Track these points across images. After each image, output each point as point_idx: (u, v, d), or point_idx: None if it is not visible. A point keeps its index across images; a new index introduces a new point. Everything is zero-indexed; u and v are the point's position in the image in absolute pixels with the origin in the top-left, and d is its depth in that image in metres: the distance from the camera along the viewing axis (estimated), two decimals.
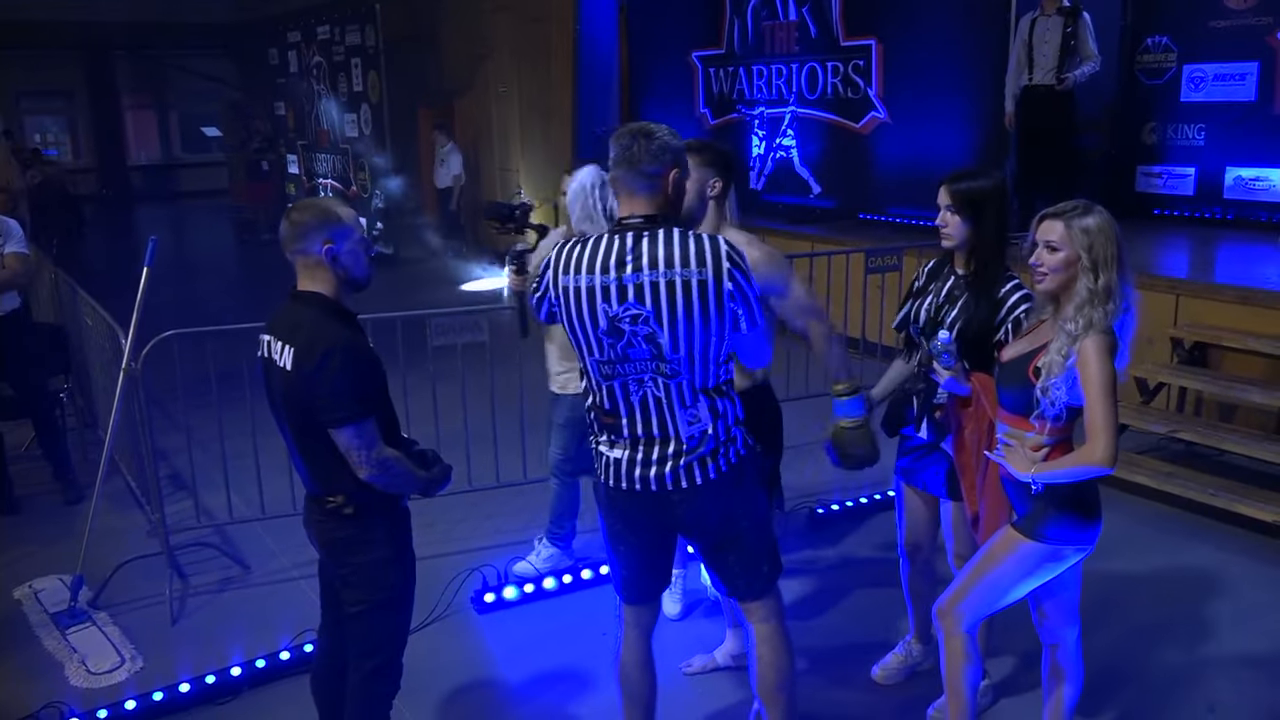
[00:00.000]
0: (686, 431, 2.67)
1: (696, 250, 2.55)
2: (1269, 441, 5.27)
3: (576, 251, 2.63)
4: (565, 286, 2.63)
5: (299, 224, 2.68)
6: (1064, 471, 2.66)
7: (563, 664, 3.92)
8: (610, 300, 2.58)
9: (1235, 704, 3.58)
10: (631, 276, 2.55)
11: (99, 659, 4.00)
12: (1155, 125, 8.28)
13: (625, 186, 2.62)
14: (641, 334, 2.58)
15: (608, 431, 2.73)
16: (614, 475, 2.75)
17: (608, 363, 2.64)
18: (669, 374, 2.61)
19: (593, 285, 2.59)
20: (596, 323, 2.60)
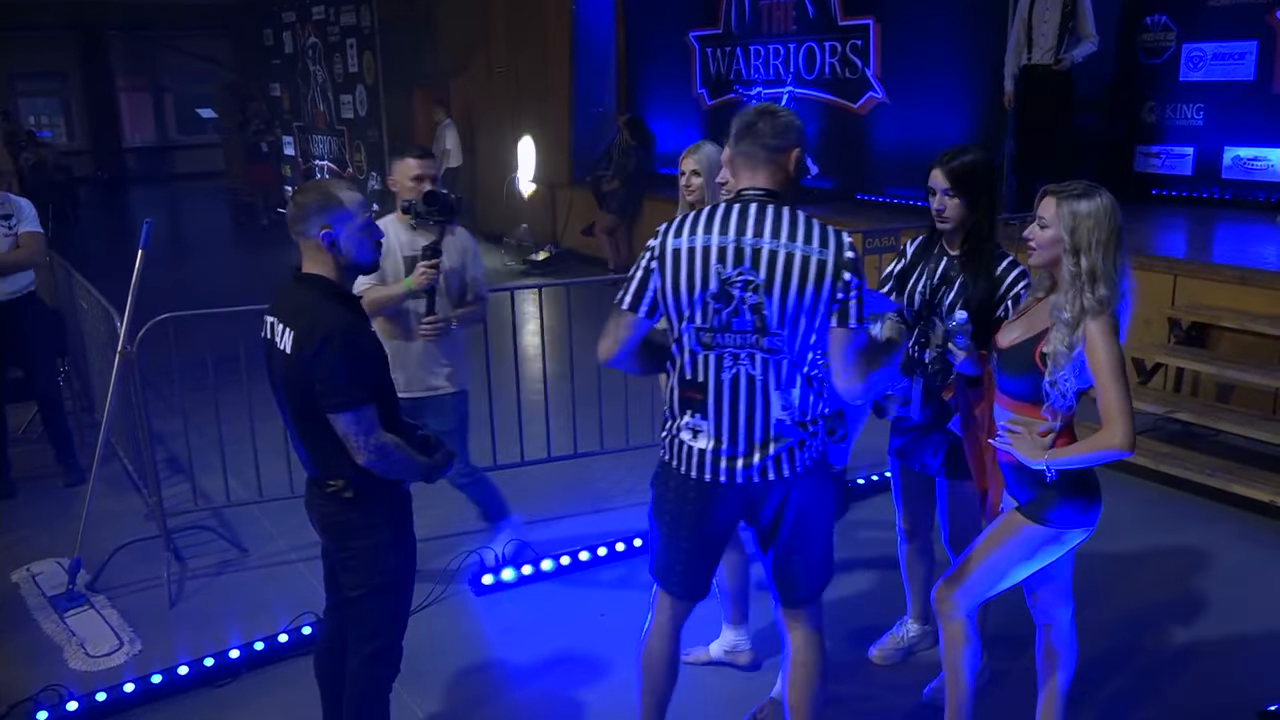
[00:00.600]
0: (778, 415, 2.59)
1: (820, 232, 2.53)
2: (1266, 422, 5.28)
3: (692, 217, 2.58)
4: (675, 249, 2.56)
5: (300, 206, 2.66)
6: (1081, 457, 2.64)
7: (561, 646, 3.93)
8: (725, 261, 2.51)
9: (1230, 684, 3.59)
10: (751, 240, 2.51)
11: (97, 642, 4.00)
12: (1154, 105, 8.24)
13: (748, 161, 2.60)
14: (750, 303, 2.51)
15: (690, 410, 2.63)
16: (695, 466, 2.65)
17: (709, 330, 2.56)
18: (768, 349, 2.54)
19: (709, 244, 2.52)
20: (706, 284, 2.53)
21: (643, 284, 2.62)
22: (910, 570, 3.67)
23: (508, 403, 5.36)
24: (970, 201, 3.09)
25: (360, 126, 14.39)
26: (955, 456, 3.23)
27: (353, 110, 14.51)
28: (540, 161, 12.84)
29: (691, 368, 2.61)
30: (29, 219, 5.26)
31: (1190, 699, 3.52)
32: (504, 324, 5.35)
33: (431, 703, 3.59)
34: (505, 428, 5.36)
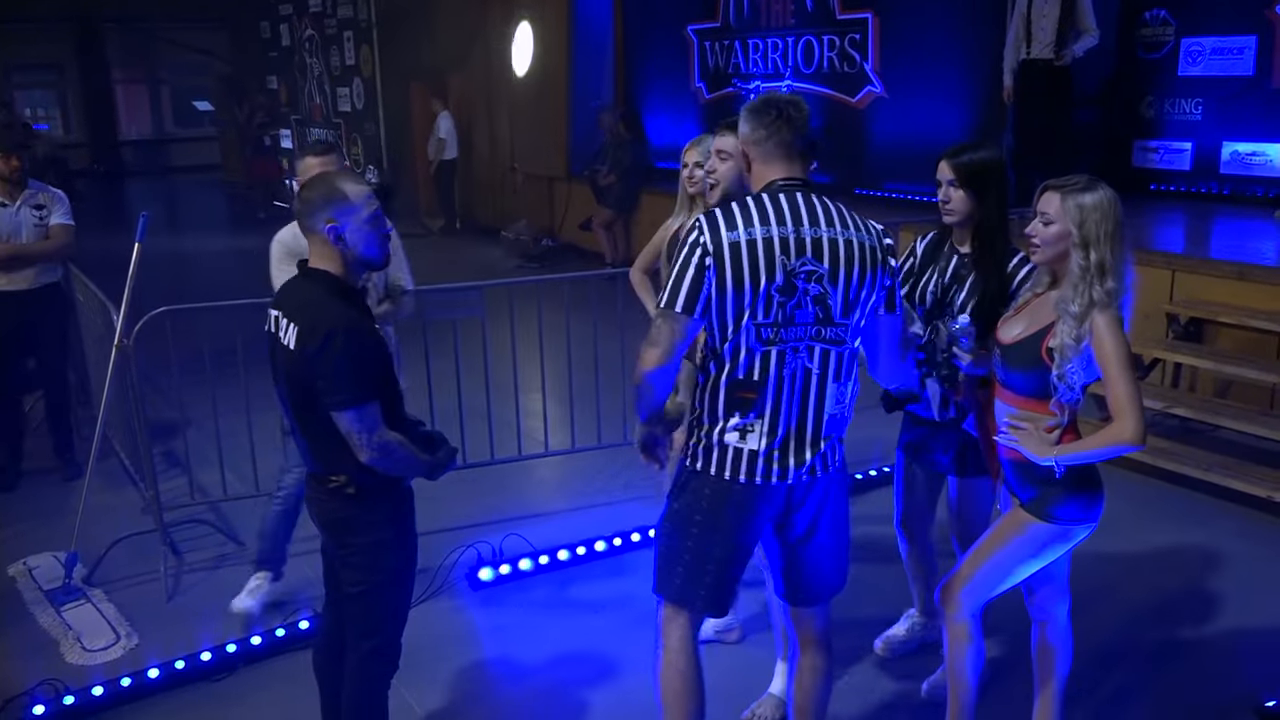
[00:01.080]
0: (830, 410, 2.57)
1: (861, 219, 2.56)
2: (1264, 417, 5.28)
3: (739, 210, 2.50)
4: (734, 243, 2.45)
5: (307, 200, 2.65)
6: (1091, 452, 2.63)
7: (558, 641, 3.92)
8: (789, 252, 2.46)
9: (1228, 680, 3.59)
10: (810, 230, 2.48)
11: (94, 636, 3.99)
12: (1152, 99, 8.23)
13: (784, 151, 2.56)
14: (813, 294, 2.48)
15: (740, 411, 2.53)
16: (744, 469, 2.55)
17: (771, 325, 2.48)
18: (830, 340, 2.52)
19: (770, 236, 2.46)
20: (772, 277, 2.45)
21: (697, 283, 2.47)
22: (912, 566, 3.67)
23: (505, 398, 5.35)
24: (977, 196, 3.08)
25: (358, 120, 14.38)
26: (965, 454, 3.22)
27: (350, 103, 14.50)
28: (538, 155, 12.82)
29: (746, 366, 2.51)
30: (63, 211, 5.31)
31: (1188, 695, 3.52)
32: (502, 319, 5.34)
33: (429, 699, 3.59)
34: (503, 423, 5.35)
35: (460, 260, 11.67)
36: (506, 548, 4.48)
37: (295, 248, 3.67)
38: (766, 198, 2.52)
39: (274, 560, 4.11)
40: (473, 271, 10.58)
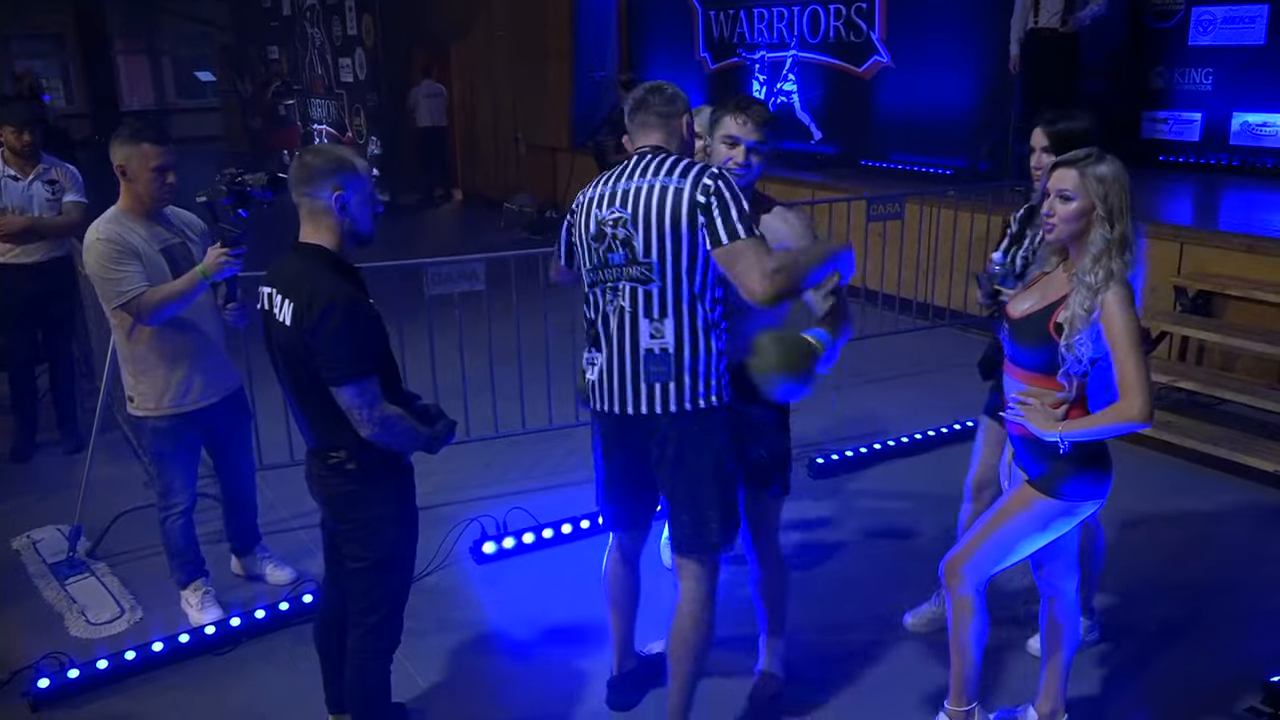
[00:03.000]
0: (647, 344, 2.76)
1: (685, 168, 2.73)
2: (1271, 391, 5.25)
3: (600, 177, 2.87)
4: (578, 203, 2.88)
5: (311, 166, 2.62)
6: (1097, 429, 2.60)
7: (562, 615, 3.92)
8: (600, 205, 2.79)
9: (1234, 655, 3.58)
10: (623, 184, 2.77)
11: (98, 609, 4.00)
12: (1162, 69, 8.15)
13: (642, 128, 2.87)
14: (620, 236, 2.75)
15: (589, 345, 2.90)
16: (596, 397, 2.90)
17: (594, 269, 2.83)
18: (638, 278, 2.74)
19: (592, 195, 2.84)
20: (588, 228, 2.82)
21: (567, 236, 2.98)
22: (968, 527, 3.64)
23: (509, 369, 5.33)
24: None
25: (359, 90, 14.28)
26: None
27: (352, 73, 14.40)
28: (541, 125, 12.74)
29: (587, 306, 2.88)
30: (77, 188, 5.31)
31: (1194, 669, 3.51)
32: (505, 291, 5.31)
33: (432, 671, 3.59)
34: (506, 396, 5.34)
35: (463, 232, 11.63)
36: (510, 521, 4.47)
37: (125, 244, 3.46)
38: (626, 164, 2.83)
39: (197, 566, 3.92)
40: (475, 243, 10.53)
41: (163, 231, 3.63)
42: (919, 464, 5.21)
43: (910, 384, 6.28)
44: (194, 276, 3.50)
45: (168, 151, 3.54)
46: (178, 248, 3.63)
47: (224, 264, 3.49)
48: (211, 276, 3.51)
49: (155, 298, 3.46)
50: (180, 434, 3.71)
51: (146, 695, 3.50)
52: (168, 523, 3.82)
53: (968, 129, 8.66)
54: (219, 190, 3.44)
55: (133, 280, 3.46)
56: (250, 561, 4.19)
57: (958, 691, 3.01)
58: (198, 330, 3.65)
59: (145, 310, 3.48)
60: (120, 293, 3.45)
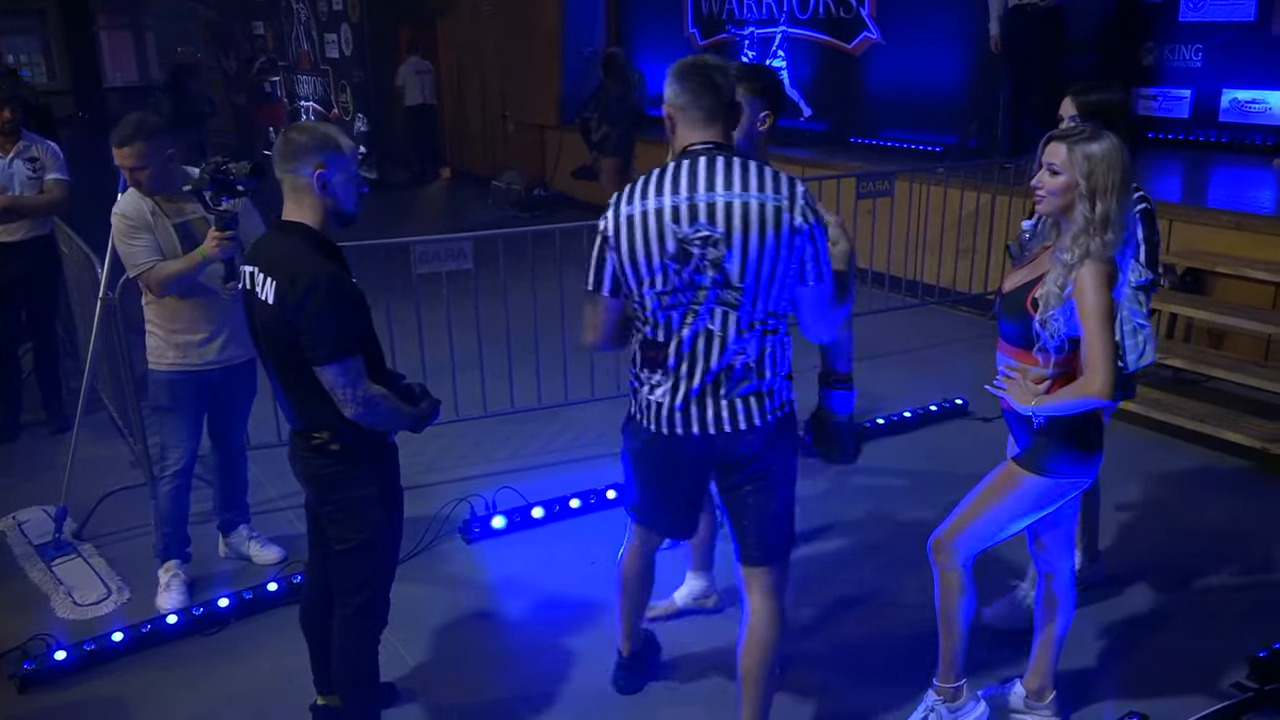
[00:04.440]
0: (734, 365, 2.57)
1: (769, 179, 2.49)
2: (1258, 368, 5.27)
3: (643, 182, 2.53)
4: (629, 216, 2.51)
5: (295, 143, 2.59)
6: (1064, 404, 2.62)
7: (552, 593, 3.92)
8: (680, 221, 2.47)
9: (1221, 631, 3.60)
10: (705, 196, 2.46)
11: (85, 590, 3.98)
12: (1152, 45, 8.12)
13: (704, 115, 2.53)
14: (710, 258, 2.47)
15: (650, 367, 2.63)
16: (662, 420, 2.65)
17: (669, 291, 2.53)
18: (729, 303, 2.51)
19: (661, 207, 2.48)
20: (664, 247, 2.49)
21: (601, 261, 2.60)
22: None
23: (497, 349, 5.31)
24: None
25: (345, 66, 14.15)
26: None
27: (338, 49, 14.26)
28: (529, 103, 12.65)
29: (653, 328, 2.59)
30: (59, 166, 5.27)
31: (1181, 646, 3.53)
32: (493, 269, 5.29)
33: (421, 650, 3.59)
34: (495, 375, 5.32)
35: (450, 210, 11.57)
36: (499, 500, 4.46)
37: (139, 219, 3.60)
38: (672, 166, 2.52)
39: (178, 545, 3.91)
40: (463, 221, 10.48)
41: (184, 205, 3.71)
42: (908, 441, 5.21)
43: (899, 362, 6.28)
44: (194, 258, 3.62)
45: (131, 153, 3.58)
46: (197, 223, 3.70)
47: (219, 247, 3.57)
48: (210, 257, 3.60)
49: (161, 273, 3.62)
50: (185, 389, 3.78)
51: (134, 676, 3.49)
52: (160, 484, 3.88)
53: (957, 106, 8.63)
54: (203, 180, 3.52)
55: (144, 254, 3.62)
56: (237, 540, 4.17)
57: (946, 667, 3.02)
58: (210, 298, 3.73)
59: (154, 283, 3.65)
60: (133, 265, 3.64)
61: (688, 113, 2.53)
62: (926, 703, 3.06)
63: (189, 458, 3.86)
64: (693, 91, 2.52)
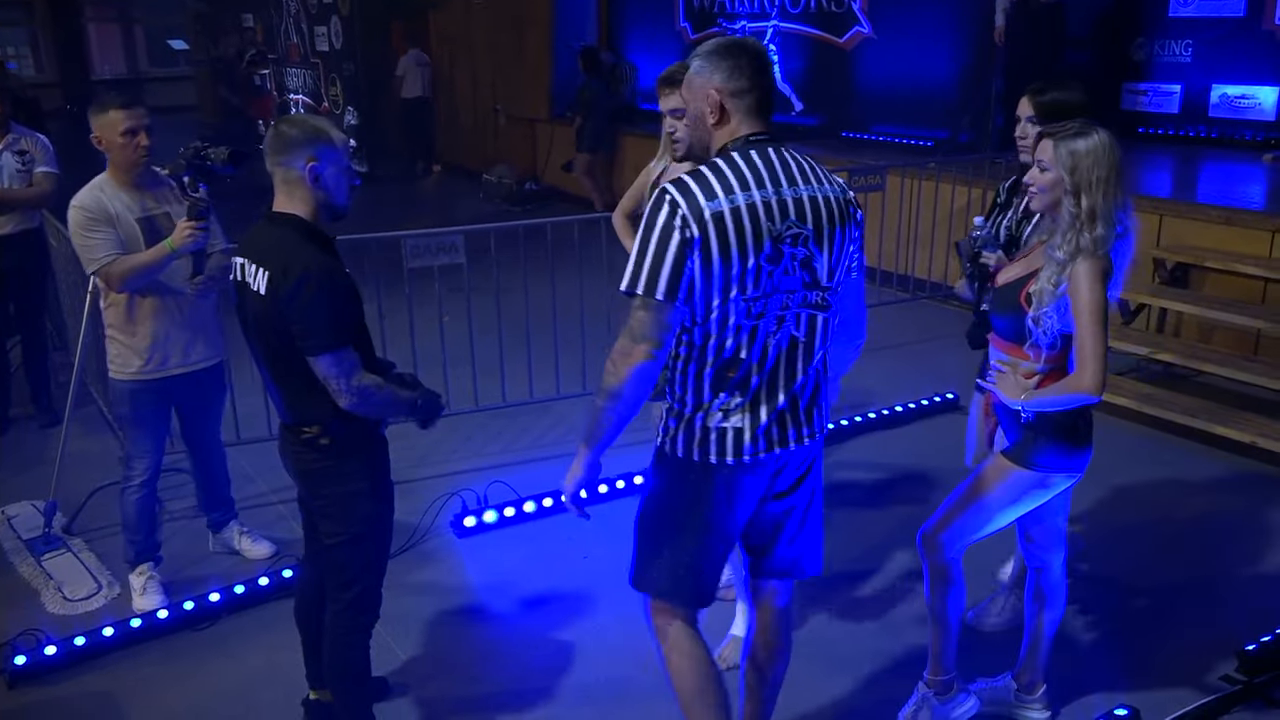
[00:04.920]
0: (815, 378, 2.40)
1: (821, 171, 2.36)
2: (1248, 363, 5.29)
3: (714, 174, 2.23)
4: (716, 213, 2.18)
5: (285, 136, 2.59)
6: (1053, 399, 2.63)
7: (544, 587, 3.92)
8: (774, 217, 2.23)
9: (1210, 624, 3.62)
10: (790, 190, 2.26)
11: (75, 585, 3.96)
12: (1143, 41, 8.14)
13: (763, 101, 2.31)
14: (799, 257, 2.27)
15: (725, 390, 2.31)
16: (732, 449, 2.33)
17: (760, 297, 2.25)
18: (818, 305, 2.32)
19: (753, 202, 2.22)
20: (760, 247, 2.22)
21: (679, 264, 2.18)
22: None
23: (489, 343, 5.30)
24: None
25: (335, 59, 14.09)
26: None
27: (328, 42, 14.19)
28: (520, 96, 12.63)
29: (734, 344, 2.27)
30: (46, 158, 5.22)
31: (1170, 639, 3.54)
32: (485, 264, 5.28)
33: (413, 645, 3.58)
34: (486, 368, 5.31)
35: (441, 204, 11.54)
36: (491, 495, 4.46)
37: (99, 211, 3.48)
38: (740, 158, 2.27)
39: (148, 549, 3.85)
40: (454, 215, 10.45)
41: (148, 200, 3.60)
42: (898, 436, 5.22)
43: (890, 356, 6.29)
44: (161, 249, 3.48)
45: (135, 114, 3.50)
46: (160, 218, 3.60)
47: (190, 238, 3.46)
48: (178, 250, 3.47)
49: (122, 267, 3.47)
50: (149, 399, 3.68)
51: (124, 671, 3.48)
52: (127, 493, 3.78)
53: (949, 100, 8.64)
54: (179, 165, 3.43)
55: (103, 248, 3.47)
56: (228, 536, 4.16)
57: (936, 660, 3.03)
58: (170, 300, 3.61)
59: (113, 278, 3.50)
60: (91, 259, 3.49)
61: (742, 98, 2.28)
62: (917, 696, 3.07)
63: (155, 467, 3.80)
64: (747, 73, 2.28)
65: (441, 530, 4.33)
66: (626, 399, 2.28)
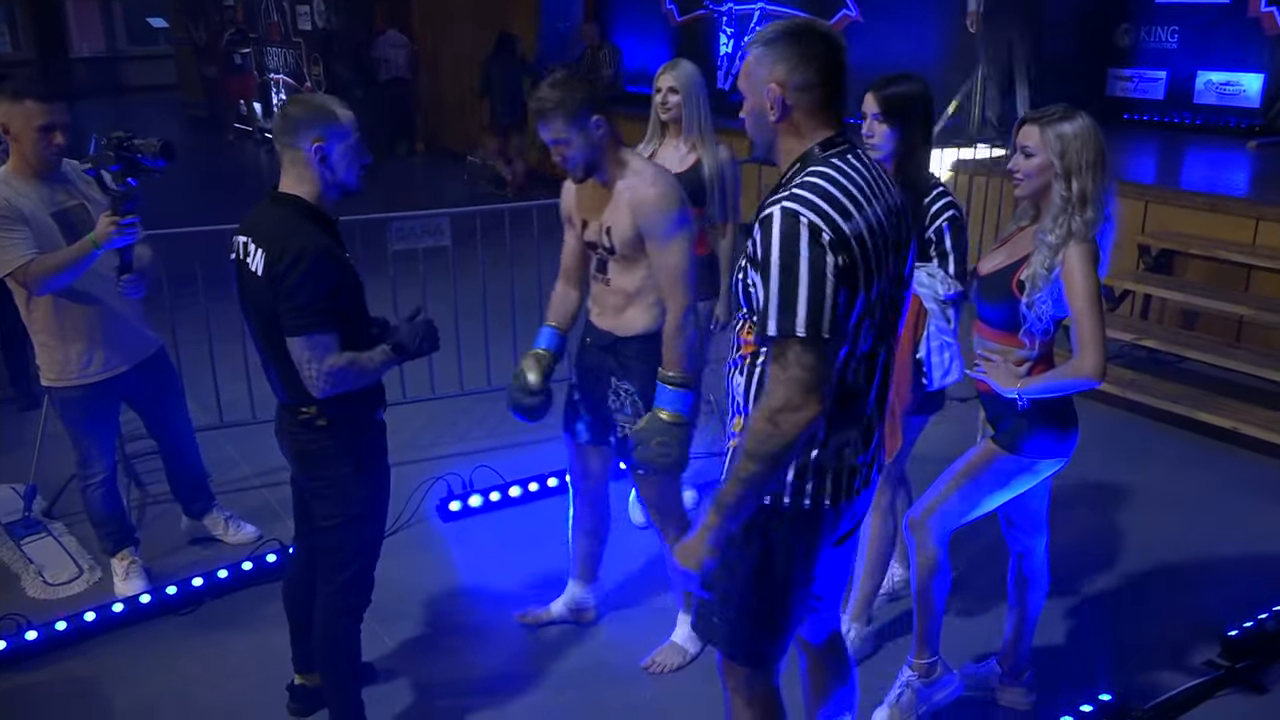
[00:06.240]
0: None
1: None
2: (1231, 349, 5.31)
3: (835, 188, 1.94)
4: (856, 234, 1.91)
5: (292, 117, 2.56)
6: (1052, 385, 2.62)
7: (530, 572, 3.91)
8: (900, 233, 2.03)
9: (1194, 609, 3.65)
10: (892, 200, 2.06)
11: (56, 570, 3.93)
12: (1128, 27, 8.14)
13: (817, 96, 2.01)
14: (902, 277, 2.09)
15: (843, 426, 2.07)
16: (845, 491, 2.11)
17: (884, 322, 2.05)
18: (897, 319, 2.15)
19: (879, 218, 1.97)
20: (885, 267, 1.98)
21: (836, 294, 1.89)
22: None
23: (474, 326, 5.27)
24: (900, 131, 2.99)
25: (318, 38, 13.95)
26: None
27: (310, 21, 14.05)
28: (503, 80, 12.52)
29: (854, 373, 2.05)
30: None
31: (1153, 625, 3.57)
32: (470, 246, 5.24)
33: (400, 630, 3.57)
34: (471, 351, 5.28)
35: (425, 186, 11.46)
36: (476, 479, 4.44)
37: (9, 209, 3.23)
38: (845, 166, 1.99)
39: (124, 535, 3.80)
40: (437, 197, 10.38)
41: (59, 194, 3.39)
42: None
43: None
44: (85, 246, 3.25)
45: (54, 109, 3.27)
46: (75, 211, 3.40)
47: (114, 233, 3.23)
48: (102, 245, 3.25)
49: (42, 267, 3.23)
50: (89, 404, 3.55)
51: (107, 656, 3.45)
52: (88, 492, 3.69)
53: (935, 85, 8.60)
54: (106, 156, 3.20)
55: (18, 248, 3.22)
56: (211, 524, 4.11)
57: (922, 644, 3.04)
58: (96, 299, 3.43)
59: (33, 280, 3.26)
60: (4, 261, 3.23)
61: (810, 93, 1.99)
62: (902, 679, 3.08)
63: (112, 465, 3.72)
64: (815, 65, 1.98)
65: (427, 515, 4.31)
66: (787, 462, 1.98)
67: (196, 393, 4.84)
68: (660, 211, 2.86)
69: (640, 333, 3.03)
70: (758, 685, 2.29)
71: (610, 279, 3.04)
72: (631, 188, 2.89)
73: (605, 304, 3.10)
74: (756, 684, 2.29)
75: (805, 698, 2.55)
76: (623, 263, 2.98)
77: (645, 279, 2.97)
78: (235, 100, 15.84)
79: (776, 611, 2.18)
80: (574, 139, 2.85)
